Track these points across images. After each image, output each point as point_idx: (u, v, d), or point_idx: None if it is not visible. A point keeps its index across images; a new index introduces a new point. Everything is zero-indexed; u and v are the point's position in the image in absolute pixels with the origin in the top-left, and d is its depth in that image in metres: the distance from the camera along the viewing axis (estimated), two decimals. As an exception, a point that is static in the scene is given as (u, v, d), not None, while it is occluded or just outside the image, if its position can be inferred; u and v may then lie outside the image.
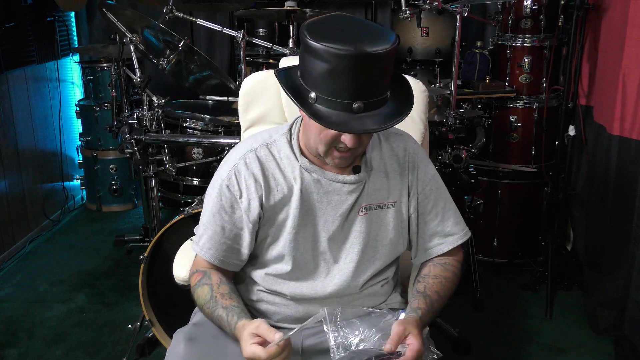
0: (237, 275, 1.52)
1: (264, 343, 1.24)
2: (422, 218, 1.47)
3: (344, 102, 1.19)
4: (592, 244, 2.78)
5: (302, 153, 1.40)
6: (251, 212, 1.38)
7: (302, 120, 1.39)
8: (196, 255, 1.47)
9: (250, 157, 1.40)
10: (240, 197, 1.39)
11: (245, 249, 1.42)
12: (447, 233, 1.49)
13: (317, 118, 1.21)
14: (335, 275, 1.44)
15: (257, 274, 1.47)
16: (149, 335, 2.33)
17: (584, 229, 2.89)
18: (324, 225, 1.41)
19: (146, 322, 2.24)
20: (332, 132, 1.26)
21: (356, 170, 1.40)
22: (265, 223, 1.41)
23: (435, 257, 1.50)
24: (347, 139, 1.26)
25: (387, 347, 1.24)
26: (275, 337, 1.22)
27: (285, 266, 1.42)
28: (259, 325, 1.26)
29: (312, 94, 1.22)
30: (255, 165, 1.39)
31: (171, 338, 2.28)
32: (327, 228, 1.41)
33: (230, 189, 1.39)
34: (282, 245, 1.41)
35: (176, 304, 2.22)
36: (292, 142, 1.41)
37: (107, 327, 2.63)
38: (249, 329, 1.26)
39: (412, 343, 1.25)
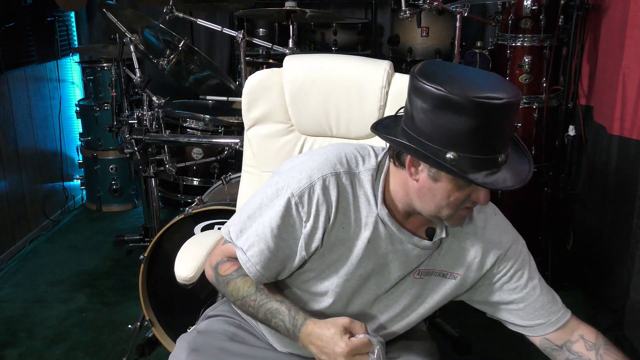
0: None
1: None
2: (517, 292, 1.33)
3: (492, 158, 1.08)
4: (592, 244, 2.78)
5: (383, 201, 1.24)
6: (311, 241, 1.23)
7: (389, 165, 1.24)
8: (223, 242, 1.34)
9: (330, 181, 1.22)
10: (306, 221, 1.22)
11: (288, 272, 1.30)
12: (557, 307, 1.34)
13: (477, 181, 1.08)
14: (361, 319, 1.29)
15: (288, 285, 1.36)
16: (149, 335, 2.34)
17: (584, 229, 2.89)
18: (378, 282, 1.29)
19: (146, 322, 2.24)
20: (465, 193, 1.13)
21: (429, 232, 1.26)
22: (318, 257, 1.26)
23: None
24: (482, 196, 1.14)
25: None
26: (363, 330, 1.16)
27: (320, 303, 1.32)
28: (353, 320, 1.18)
29: (450, 155, 1.06)
30: (334, 192, 1.22)
31: (171, 338, 2.29)
32: (380, 286, 1.30)
33: (299, 209, 1.22)
34: (326, 285, 1.29)
35: (176, 304, 2.23)
36: (376, 183, 1.24)
37: (107, 327, 2.62)
38: (343, 322, 1.16)
39: None
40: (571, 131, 2.79)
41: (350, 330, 1.16)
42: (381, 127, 1.21)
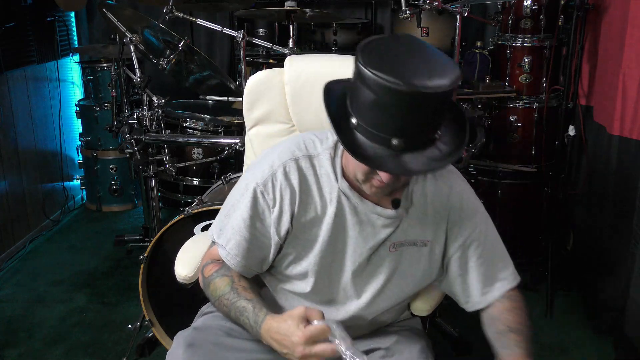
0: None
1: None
2: (463, 262, 1.37)
3: (383, 137, 1.09)
4: (592, 244, 2.78)
5: (343, 175, 1.30)
6: (280, 225, 1.31)
7: None
8: (210, 246, 1.41)
9: (290, 167, 1.30)
10: (273, 206, 1.30)
11: (270, 259, 1.36)
12: (497, 278, 1.38)
13: (351, 149, 1.11)
14: (352, 307, 1.38)
15: (273, 284, 1.43)
16: (149, 335, 2.34)
17: (584, 229, 2.89)
18: (351, 255, 1.33)
19: (146, 322, 2.24)
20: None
21: (395, 204, 1.30)
22: (292, 240, 1.33)
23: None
24: (382, 174, 1.17)
25: None
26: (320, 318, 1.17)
27: (304, 286, 1.37)
28: (309, 308, 1.19)
29: (354, 120, 1.12)
30: (295, 176, 1.30)
31: (171, 338, 2.29)
32: (354, 259, 1.33)
33: (265, 196, 1.30)
34: (305, 266, 1.34)
35: (176, 304, 2.22)
36: (335, 160, 1.31)
37: (107, 327, 2.62)
38: (298, 312, 1.18)
39: None
40: (571, 131, 2.79)
41: (308, 318, 1.18)
42: (334, 83, 1.23)
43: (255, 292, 1.33)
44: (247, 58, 2.94)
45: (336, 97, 1.18)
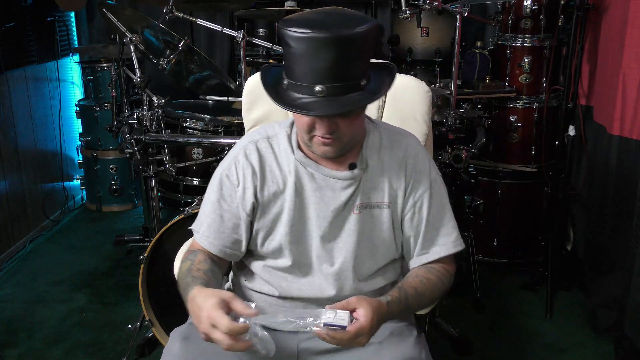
0: (237, 266, 1.53)
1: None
2: (411, 223, 1.44)
3: (307, 86, 1.21)
4: (592, 244, 2.78)
5: (299, 147, 1.41)
6: (245, 201, 1.41)
7: None
8: (193, 239, 1.48)
9: (250, 149, 1.43)
10: (237, 186, 1.41)
11: (244, 240, 1.44)
12: (436, 243, 1.45)
13: (281, 101, 1.24)
14: (333, 276, 1.42)
15: (258, 266, 1.47)
16: (149, 335, 2.34)
17: (584, 229, 2.89)
18: (316, 220, 1.40)
19: (146, 322, 2.24)
20: (305, 117, 1.28)
21: (352, 167, 1.40)
22: (260, 216, 1.42)
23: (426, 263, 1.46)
24: (319, 125, 1.28)
25: (328, 305, 1.23)
26: (249, 312, 1.17)
27: (285, 261, 1.43)
28: (234, 297, 1.20)
29: (286, 81, 1.26)
30: (254, 156, 1.42)
31: (171, 338, 2.28)
32: (319, 224, 1.40)
33: (230, 178, 1.42)
34: (278, 239, 1.42)
35: (176, 304, 2.22)
36: (292, 136, 1.42)
37: (107, 327, 2.63)
38: (221, 295, 1.20)
39: (359, 319, 1.21)
40: (571, 131, 2.79)
41: (230, 306, 1.19)
42: (273, 65, 1.37)
43: (209, 275, 1.35)
44: (247, 58, 2.94)
45: (274, 73, 1.32)
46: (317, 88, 1.20)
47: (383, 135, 1.45)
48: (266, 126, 1.50)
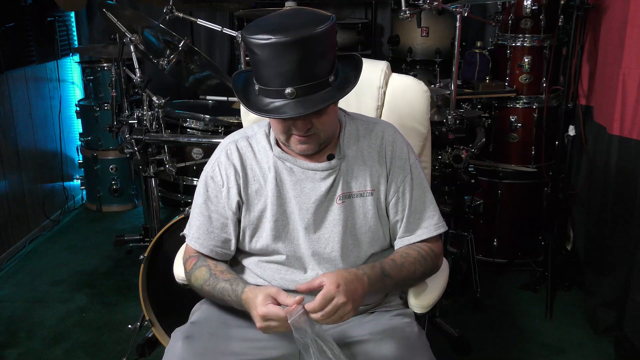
0: (231, 264, 1.55)
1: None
2: (396, 208, 1.47)
3: (277, 90, 1.25)
4: (592, 244, 2.78)
5: (277, 144, 1.45)
6: (230, 200, 1.45)
7: None
8: (186, 244, 1.52)
9: (231, 149, 1.47)
10: (222, 186, 1.45)
11: (233, 238, 1.48)
12: (419, 226, 1.48)
13: (252, 107, 1.29)
14: (323, 266, 1.44)
15: (252, 262, 1.50)
16: (149, 335, 2.34)
17: (584, 229, 2.89)
18: (299, 213, 1.43)
19: (146, 322, 2.24)
20: (281, 121, 1.32)
21: (329, 157, 1.43)
22: (246, 213, 1.46)
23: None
24: (294, 126, 1.32)
25: (298, 286, 1.29)
26: (293, 300, 1.24)
27: (278, 257, 1.46)
28: (278, 290, 1.28)
29: (256, 87, 1.30)
30: (236, 156, 1.46)
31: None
32: (302, 216, 1.43)
33: (214, 179, 1.47)
34: (264, 236, 1.45)
35: (176, 304, 2.22)
36: (270, 135, 1.47)
37: (107, 327, 2.63)
38: (268, 291, 1.28)
39: (324, 288, 1.24)
40: (571, 131, 2.79)
41: (275, 298, 1.26)
42: (244, 71, 1.41)
43: (233, 272, 1.44)
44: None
45: (244, 79, 1.37)
46: (287, 90, 1.24)
47: (359, 125, 1.49)
48: (246, 127, 1.55)
